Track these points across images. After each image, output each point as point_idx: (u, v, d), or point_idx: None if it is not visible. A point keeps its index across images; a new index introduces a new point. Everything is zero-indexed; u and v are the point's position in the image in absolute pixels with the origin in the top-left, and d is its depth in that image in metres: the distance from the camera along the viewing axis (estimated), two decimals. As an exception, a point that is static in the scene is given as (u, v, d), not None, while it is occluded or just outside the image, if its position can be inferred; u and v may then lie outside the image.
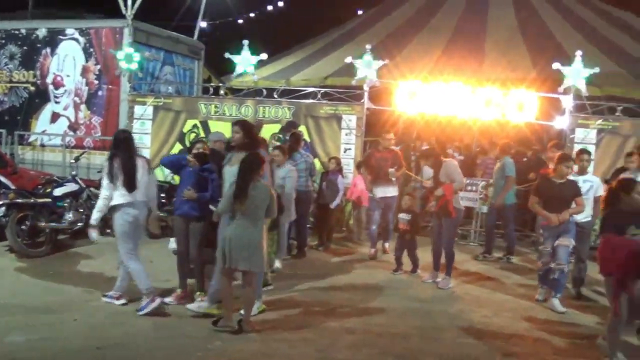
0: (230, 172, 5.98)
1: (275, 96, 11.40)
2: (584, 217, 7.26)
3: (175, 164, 7.01)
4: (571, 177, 7.19)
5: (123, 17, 12.46)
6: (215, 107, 11.34)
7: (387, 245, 9.53)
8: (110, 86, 12.40)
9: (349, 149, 10.99)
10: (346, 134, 11.03)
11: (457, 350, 5.68)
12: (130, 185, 6.19)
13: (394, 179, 9.18)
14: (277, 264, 8.13)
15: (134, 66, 11.67)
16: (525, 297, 7.47)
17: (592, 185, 7.51)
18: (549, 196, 6.97)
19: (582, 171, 7.59)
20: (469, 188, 10.62)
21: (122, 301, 6.39)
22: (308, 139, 10.84)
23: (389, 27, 17.20)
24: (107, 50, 12.28)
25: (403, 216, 8.39)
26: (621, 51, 15.41)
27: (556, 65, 10.47)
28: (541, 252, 7.18)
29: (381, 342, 5.74)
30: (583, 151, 7.98)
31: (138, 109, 11.61)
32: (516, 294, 7.61)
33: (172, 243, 7.13)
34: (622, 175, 7.09)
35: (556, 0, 17.78)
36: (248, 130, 6.27)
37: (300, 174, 8.79)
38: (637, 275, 5.13)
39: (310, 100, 11.27)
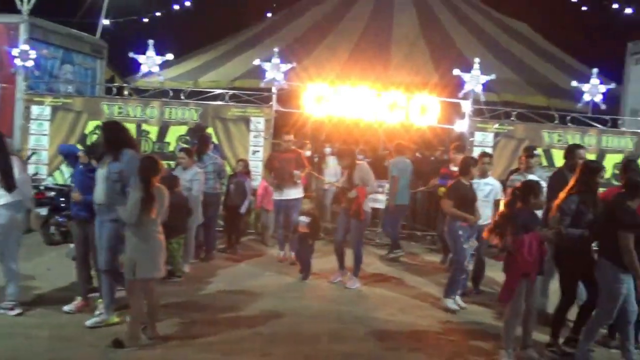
0: (100, 173, 5.81)
1: (182, 97, 11.19)
2: (484, 219, 7.40)
3: (69, 154, 6.94)
4: (474, 180, 7.46)
5: (19, 12, 11.86)
6: (119, 108, 10.98)
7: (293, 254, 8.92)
8: (4, 85, 11.71)
9: (257, 151, 10.96)
10: (254, 136, 10.99)
11: (364, 348, 5.79)
12: (8, 185, 5.97)
13: (298, 180, 9.01)
14: (185, 268, 7.99)
15: (30, 64, 11.13)
16: (429, 295, 7.70)
17: (492, 188, 7.77)
18: (461, 198, 7.08)
19: (484, 174, 7.82)
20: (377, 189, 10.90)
21: (17, 311, 6.06)
22: (216, 141, 10.70)
23: (297, 30, 17.35)
24: (1, 47, 11.61)
25: (303, 219, 8.16)
26: (516, 59, 16.32)
27: (456, 72, 10.95)
28: (459, 253, 7.16)
29: (289, 344, 5.76)
30: (485, 154, 8.32)
31: (35, 109, 11.06)
32: (420, 293, 7.84)
33: (71, 249, 6.84)
34: (514, 177, 7.48)
35: (456, 8, 18.60)
36: (108, 131, 6.00)
37: (209, 177, 8.70)
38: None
39: (219, 102, 11.15)
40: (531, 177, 7.24)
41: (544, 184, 6.91)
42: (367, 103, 10.79)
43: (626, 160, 6.55)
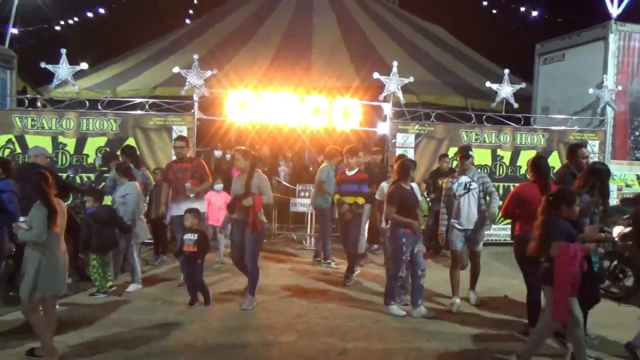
0: None
1: (100, 108, 10.88)
2: None
3: None
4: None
5: None
6: (32, 120, 10.55)
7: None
8: None
9: (181, 160, 10.78)
10: (176, 146, 10.81)
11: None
12: None
13: (191, 195, 8.16)
14: (130, 287, 7.80)
15: None
16: (373, 303, 7.75)
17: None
18: (402, 203, 6.90)
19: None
20: (302, 194, 10.99)
21: None
22: (137, 152, 10.46)
23: (216, 36, 17.25)
24: None
25: (188, 236, 7.15)
26: (434, 61, 16.83)
27: (376, 75, 11.19)
28: (398, 262, 6.95)
29: None
30: (403, 157, 8.55)
31: (-60, 124, 10.48)
32: (356, 300, 7.94)
33: None
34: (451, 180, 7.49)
35: (375, 13, 18.99)
36: None
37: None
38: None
39: (139, 112, 10.91)
40: (464, 178, 7.35)
41: (475, 185, 7.27)
42: (290, 108, 10.85)
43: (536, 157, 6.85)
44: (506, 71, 11.87)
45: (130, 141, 10.50)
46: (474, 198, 7.33)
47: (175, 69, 11.04)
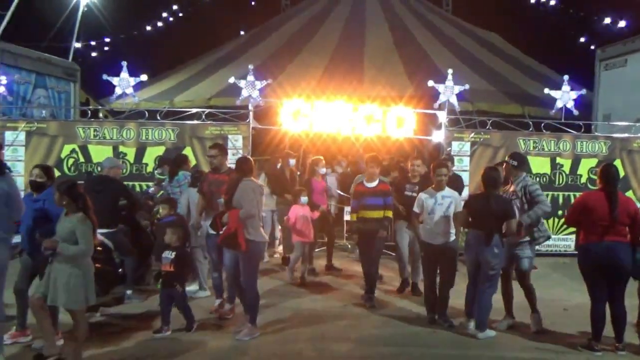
0: None
1: (159, 118, 11.18)
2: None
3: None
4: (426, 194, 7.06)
5: (-12, 38, 11.82)
6: (95, 130, 10.92)
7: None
8: (-24, 112, 11.62)
9: (237, 169, 10.96)
10: (233, 154, 10.97)
11: None
12: None
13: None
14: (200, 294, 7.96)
15: (2, 90, 11.06)
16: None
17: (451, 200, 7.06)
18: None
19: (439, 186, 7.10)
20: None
21: None
22: (194, 161, 10.70)
23: (270, 47, 17.49)
24: (-29, 74, 11.53)
25: (166, 255, 6.54)
26: (489, 69, 16.61)
27: (431, 83, 11.13)
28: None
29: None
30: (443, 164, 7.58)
31: (9, 135, 10.94)
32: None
33: None
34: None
35: (428, 21, 18.88)
36: None
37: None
38: None
39: (195, 121, 11.16)
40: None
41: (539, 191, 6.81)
42: (343, 117, 10.87)
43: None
44: (565, 77, 11.59)
45: (188, 150, 10.73)
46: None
47: (231, 79, 11.25)
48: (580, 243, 6.41)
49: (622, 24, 18.72)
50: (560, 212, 11.11)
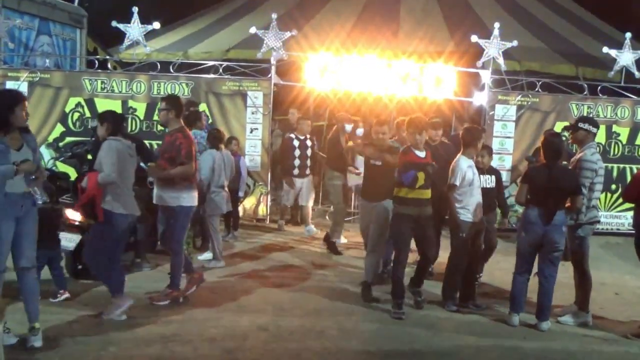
0: None
1: (172, 70, 11.15)
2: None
3: None
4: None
5: (-12, -21, 11.79)
6: (102, 83, 10.95)
7: None
8: (-26, 59, 11.69)
9: (256, 129, 10.95)
10: (252, 113, 10.98)
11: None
12: None
13: (149, 178, 7.33)
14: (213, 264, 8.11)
15: (3, 35, 11.10)
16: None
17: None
18: None
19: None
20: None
21: None
22: (210, 119, 10.69)
23: (297, -6, 17.20)
24: (-31, 18, 11.57)
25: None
26: (540, 24, 16.18)
27: (474, 38, 10.89)
28: None
29: None
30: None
31: (10, 85, 11.01)
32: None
33: None
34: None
35: (473, -32, 18.38)
36: None
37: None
38: None
39: (212, 75, 11.11)
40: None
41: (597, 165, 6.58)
42: (376, 74, 10.75)
43: None
44: (628, 35, 11.25)
45: (203, 107, 10.71)
46: None
47: (252, 30, 11.14)
48: (638, 221, 6.30)
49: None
50: (613, 187, 10.95)
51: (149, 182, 7.25)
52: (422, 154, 6.64)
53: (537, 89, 11.15)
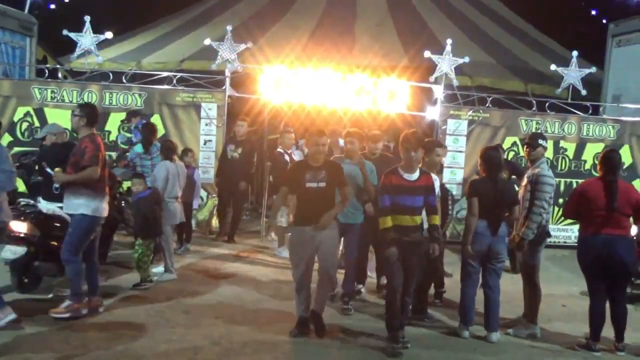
0: None
1: (124, 81, 11.03)
2: None
3: None
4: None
5: None
6: (52, 92, 10.75)
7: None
8: None
9: (210, 140, 10.90)
10: (206, 124, 10.93)
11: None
12: None
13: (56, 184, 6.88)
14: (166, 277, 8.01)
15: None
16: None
17: None
18: None
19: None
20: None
21: None
22: (163, 130, 10.60)
23: (252, 7, 17.23)
24: None
25: None
26: (491, 41, 16.55)
27: (427, 54, 11.08)
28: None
29: None
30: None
31: (-45, 94, 10.76)
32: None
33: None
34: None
35: (427, -16, 18.69)
36: None
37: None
38: None
39: (165, 86, 11.03)
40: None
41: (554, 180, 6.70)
42: (330, 88, 10.82)
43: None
44: (574, 53, 11.62)
45: (156, 118, 10.62)
46: None
47: (207, 41, 11.12)
48: (579, 235, 6.48)
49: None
50: (561, 201, 11.21)
51: (54, 188, 7.00)
52: (412, 176, 5.96)
53: (487, 105, 11.39)
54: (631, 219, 6.21)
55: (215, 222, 10.96)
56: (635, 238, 6.48)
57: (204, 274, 8.43)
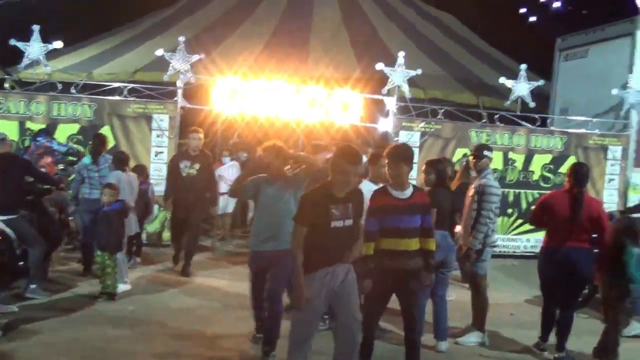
0: None
1: (74, 91, 10.84)
2: None
3: None
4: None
5: None
6: (-2, 103, 10.51)
7: None
8: None
9: (161, 152, 10.78)
10: (157, 136, 10.81)
11: None
12: None
13: None
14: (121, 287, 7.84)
15: None
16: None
17: None
18: None
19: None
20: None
21: None
22: (113, 141, 10.44)
23: (205, 18, 17.19)
24: None
25: None
26: (443, 54, 16.83)
27: (380, 66, 11.19)
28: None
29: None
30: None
31: None
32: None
33: None
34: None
35: (380, -2, 18.93)
36: None
37: (102, 181, 8.46)
38: None
39: (116, 97, 10.87)
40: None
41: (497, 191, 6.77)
42: (283, 99, 10.83)
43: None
44: (523, 67, 11.87)
45: (106, 130, 10.43)
46: None
47: (159, 52, 11.02)
48: (542, 245, 6.61)
49: (584, 11, 19.32)
50: (510, 211, 11.44)
51: None
52: (403, 194, 5.26)
53: (439, 117, 11.54)
54: None
55: (166, 235, 10.80)
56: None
57: (153, 284, 8.35)
